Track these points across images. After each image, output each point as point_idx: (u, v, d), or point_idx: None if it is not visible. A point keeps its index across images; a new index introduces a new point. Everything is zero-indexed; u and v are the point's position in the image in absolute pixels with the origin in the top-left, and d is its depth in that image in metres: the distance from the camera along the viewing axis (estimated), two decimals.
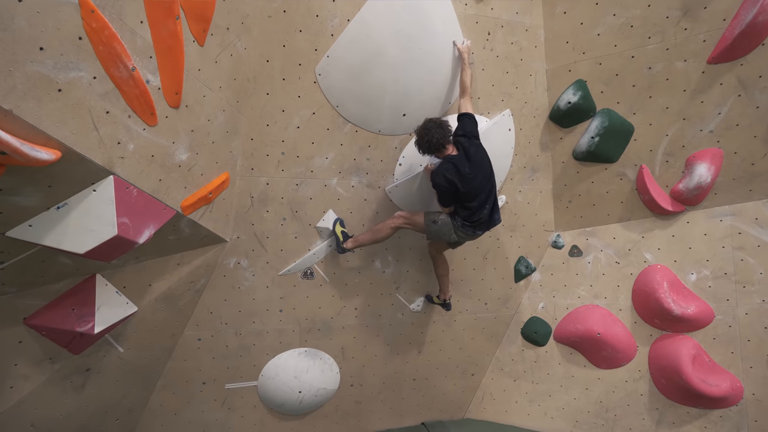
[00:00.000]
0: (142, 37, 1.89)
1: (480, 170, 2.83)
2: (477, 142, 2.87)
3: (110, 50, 1.72)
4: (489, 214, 2.94)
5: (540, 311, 3.92)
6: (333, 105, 3.10)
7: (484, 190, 2.86)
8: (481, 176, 2.83)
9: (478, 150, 2.85)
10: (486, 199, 2.89)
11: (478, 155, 2.83)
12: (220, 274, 3.18)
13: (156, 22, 1.92)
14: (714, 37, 3.00)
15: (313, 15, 2.90)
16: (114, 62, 1.75)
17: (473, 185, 2.80)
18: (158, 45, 1.96)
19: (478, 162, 2.82)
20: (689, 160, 3.35)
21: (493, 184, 2.94)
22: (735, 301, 3.33)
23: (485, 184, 2.86)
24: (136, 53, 1.87)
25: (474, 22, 3.20)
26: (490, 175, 2.90)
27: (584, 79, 3.37)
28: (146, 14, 1.87)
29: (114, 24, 1.73)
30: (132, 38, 1.84)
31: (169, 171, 2.28)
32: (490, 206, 2.94)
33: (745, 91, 3.07)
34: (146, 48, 1.93)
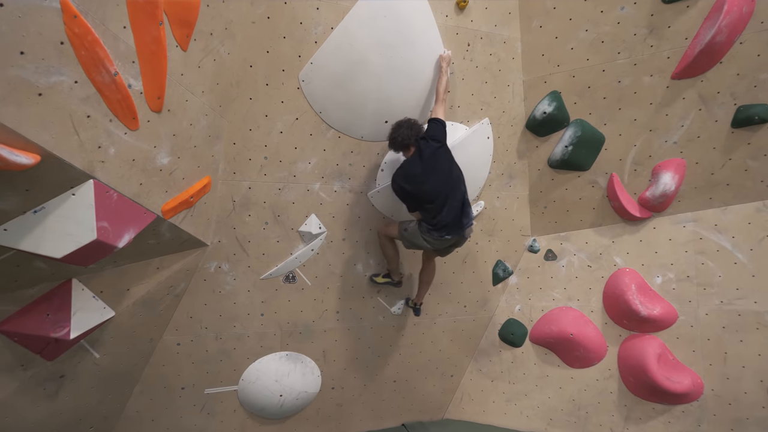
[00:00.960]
0: (125, 42, 1.89)
1: (434, 172, 2.86)
2: (435, 145, 2.89)
3: (92, 55, 1.72)
4: (455, 217, 2.93)
5: (516, 313, 4.05)
6: (316, 111, 3.14)
7: (441, 193, 2.87)
8: (436, 178, 2.86)
9: (435, 152, 2.88)
10: (445, 202, 2.89)
11: (434, 158, 2.87)
12: (200, 278, 3.16)
13: (139, 28, 1.92)
14: (677, 54, 3.19)
15: (297, 22, 2.93)
16: (96, 67, 1.75)
17: (425, 187, 2.87)
18: (141, 50, 1.96)
19: (432, 164, 2.86)
20: (655, 170, 3.54)
21: (455, 187, 2.92)
22: (696, 303, 3.53)
23: (441, 186, 2.87)
24: (118, 58, 1.87)
25: (454, 33, 3.30)
26: (448, 177, 2.90)
27: (559, 90, 3.52)
28: (129, 20, 1.87)
29: (97, 29, 1.73)
30: (115, 43, 1.84)
31: (150, 175, 2.28)
32: (455, 210, 2.92)
33: (705, 106, 3.28)
34: (129, 53, 1.93)
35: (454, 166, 2.98)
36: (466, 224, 3.01)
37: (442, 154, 2.93)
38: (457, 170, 2.98)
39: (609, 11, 3.22)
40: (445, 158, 2.94)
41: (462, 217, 2.98)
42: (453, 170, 2.95)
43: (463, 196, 2.98)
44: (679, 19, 3.13)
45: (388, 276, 3.53)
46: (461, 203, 2.97)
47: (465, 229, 3.03)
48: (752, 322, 3.37)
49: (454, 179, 2.94)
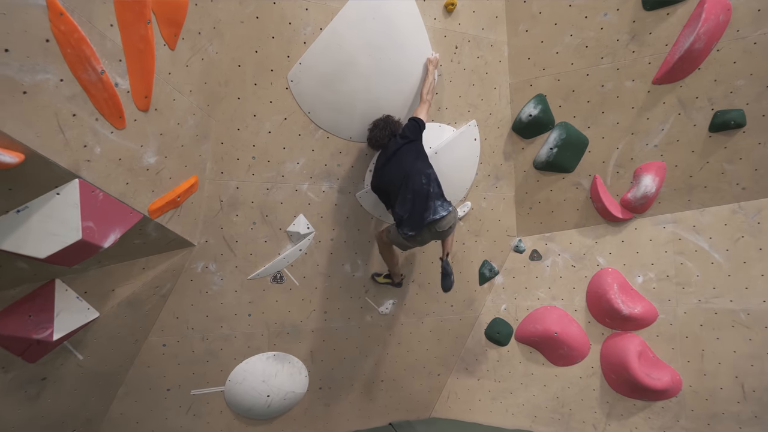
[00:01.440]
0: (111, 40, 1.87)
1: (394, 166, 2.93)
2: (402, 141, 2.95)
3: (78, 53, 1.70)
4: (411, 212, 2.88)
5: (502, 312, 4.11)
6: (305, 111, 3.14)
7: (396, 186, 2.91)
8: (393, 172, 2.92)
9: (401, 148, 2.94)
10: (396, 197, 2.93)
11: (398, 153, 2.93)
12: (187, 279, 3.14)
13: (126, 26, 1.91)
14: (658, 60, 3.28)
15: (286, 22, 2.93)
16: (82, 65, 1.73)
17: (383, 181, 2.99)
18: (128, 48, 1.95)
19: (395, 159, 2.93)
20: (637, 172, 3.63)
21: (412, 180, 2.87)
22: (676, 302, 3.63)
23: (396, 179, 2.90)
24: (105, 56, 1.85)
25: (443, 35, 3.34)
26: (410, 172, 2.88)
27: (544, 93, 3.59)
28: (117, 18, 1.86)
29: (83, 27, 1.72)
30: (101, 41, 1.82)
31: (137, 174, 2.26)
32: (409, 203, 2.88)
33: (684, 110, 3.38)
34: (116, 51, 1.91)
35: (420, 161, 2.93)
36: (427, 218, 2.85)
37: (409, 149, 2.94)
38: (421, 164, 2.92)
39: (593, 17, 3.30)
40: (410, 153, 2.93)
41: (424, 211, 2.86)
42: (415, 164, 2.91)
43: (423, 189, 2.87)
44: (659, 26, 3.22)
45: (389, 277, 3.58)
46: (424, 197, 2.86)
47: (427, 224, 2.87)
48: (728, 320, 3.48)
49: (414, 172, 2.88)
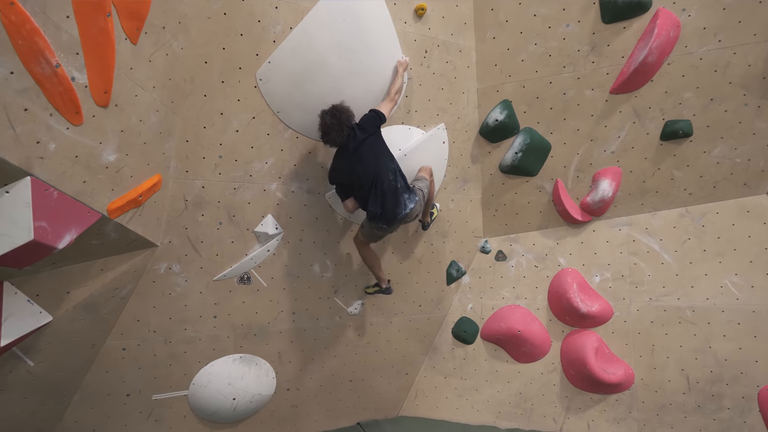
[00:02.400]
0: (68, 32, 1.80)
1: (360, 164, 2.90)
2: (362, 136, 2.91)
3: (31, 45, 1.63)
4: (384, 208, 2.95)
5: (469, 311, 4.22)
6: (274, 110, 3.11)
7: (365, 184, 2.93)
8: (362, 169, 2.91)
9: (362, 144, 2.90)
10: (369, 194, 2.94)
11: (361, 149, 2.90)
12: (149, 280, 3.04)
13: (84, 18, 1.84)
14: (615, 71, 3.46)
15: (255, 20, 2.89)
16: (35, 58, 1.66)
17: (347, 179, 3.00)
18: (86, 41, 1.87)
19: (357, 155, 2.90)
20: (595, 177, 3.82)
21: (380, 178, 2.92)
22: (629, 300, 3.85)
23: (364, 177, 2.91)
24: (60, 49, 1.77)
25: (413, 39, 3.39)
26: (378, 171, 2.91)
27: (510, 99, 3.71)
28: (73, 9, 1.78)
29: (36, 18, 1.64)
30: (56, 33, 1.75)
31: (95, 172, 2.17)
32: (380, 199, 2.94)
33: (638, 119, 3.58)
34: (72, 44, 1.83)
35: (384, 157, 2.98)
36: (399, 214, 3.00)
37: (370, 144, 2.94)
38: (386, 161, 2.98)
39: (556, 27, 3.44)
40: (372, 148, 2.94)
41: (395, 207, 2.98)
42: (381, 162, 2.95)
43: (392, 186, 2.95)
44: (617, 38, 3.39)
45: (377, 285, 3.60)
46: (393, 194, 2.95)
47: (399, 218, 3.02)
48: (675, 316, 3.72)
49: (382, 171, 2.93)
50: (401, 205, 3.01)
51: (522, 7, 3.43)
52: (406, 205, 3.03)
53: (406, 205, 3.03)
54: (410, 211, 3.05)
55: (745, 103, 3.38)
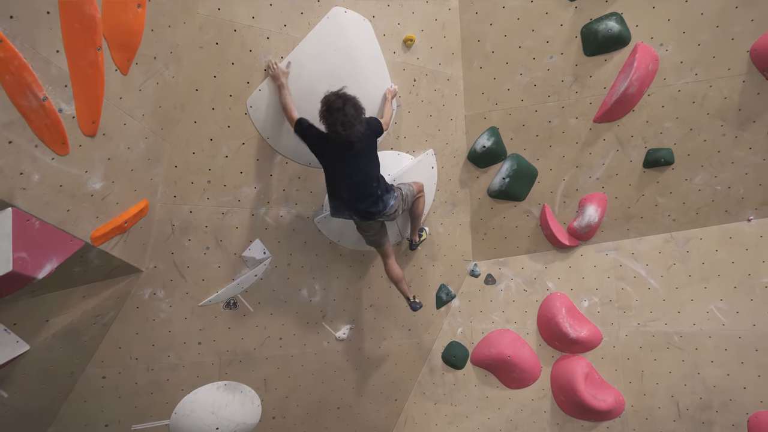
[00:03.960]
0: (57, 66, 1.82)
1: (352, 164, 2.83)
2: (369, 140, 2.85)
3: (18, 79, 1.65)
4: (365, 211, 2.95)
5: (459, 336, 4.19)
6: (264, 136, 3.14)
7: (352, 186, 2.87)
8: (351, 169, 2.82)
9: (365, 147, 2.83)
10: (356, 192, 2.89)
11: (362, 151, 2.83)
12: (132, 306, 3.00)
13: (74, 52, 1.87)
14: (597, 101, 3.57)
15: (246, 50, 2.95)
16: (22, 92, 1.67)
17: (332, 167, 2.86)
18: (75, 74, 1.90)
19: (356, 154, 2.82)
20: (581, 202, 3.88)
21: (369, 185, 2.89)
22: (618, 325, 3.85)
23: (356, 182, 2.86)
24: (49, 82, 1.80)
25: (401, 69, 3.47)
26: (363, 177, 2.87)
27: (497, 126, 3.79)
28: (64, 44, 1.81)
29: (25, 53, 1.66)
30: (46, 67, 1.77)
31: (80, 201, 2.17)
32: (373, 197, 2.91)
33: (621, 147, 3.67)
34: (61, 77, 1.86)
35: (373, 162, 2.94)
36: (375, 212, 2.97)
37: (369, 149, 2.89)
38: (373, 167, 2.94)
39: (540, 59, 3.55)
40: (367, 154, 2.89)
41: (371, 206, 2.95)
42: (369, 166, 2.91)
43: (372, 191, 2.91)
44: (598, 70, 3.51)
45: (407, 297, 3.48)
46: (370, 195, 2.91)
47: (375, 216, 2.99)
48: (663, 342, 3.73)
49: (367, 174, 2.89)
50: (379, 205, 2.96)
51: (507, 39, 3.54)
52: (386, 204, 3.00)
53: (386, 204, 2.99)
54: (389, 210, 3.02)
55: (723, 134, 3.48)
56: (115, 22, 2.08)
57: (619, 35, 3.34)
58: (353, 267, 3.72)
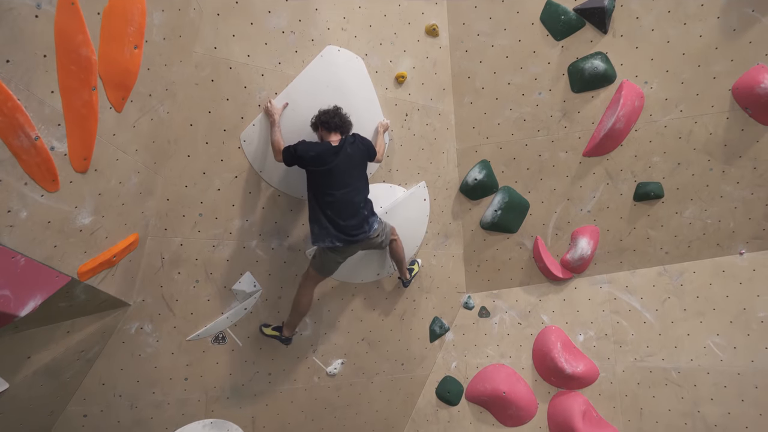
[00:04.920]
0: (51, 106, 1.86)
1: (342, 171, 2.84)
2: (360, 149, 2.93)
3: (11, 120, 1.68)
4: (357, 224, 2.89)
5: (453, 370, 4.10)
6: (256, 170, 3.18)
7: (339, 200, 2.84)
8: (341, 179, 2.84)
9: (355, 155, 2.90)
10: (341, 209, 2.85)
11: (352, 159, 2.88)
12: (118, 341, 2.94)
13: (69, 92, 1.91)
14: (586, 135, 3.63)
15: (241, 86, 3.03)
16: (14, 132, 1.70)
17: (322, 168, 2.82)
18: (69, 114, 1.94)
19: (346, 159, 2.86)
20: (573, 234, 3.88)
21: (356, 201, 2.89)
22: (614, 360, 3.78)
23: (344, 194, 2.85)
24: (42, 122, 1.83)
25: (393, 104, 3.55)
26: (350, 190, 2.87)
27: (488, 159, 3.84)
28: (59, 85, 1.86)
29: (19, 95, 1.70)
30: (39, 108, 1.81)
31: (68, 236, 2.16)
32: (358, 217, 2.89)
33: (611, 180, 3.71)
34: (55, 116, 1.89)
35: (363, 179, 2.96)
36: (359, 235, 2.92)
37: (361, 162, 2.95)
38: (363, 184, 2.97)
39: (529, 95, 3.64)
40: (358, 169, 2.92)
41: (356, 227, 2.90)
42: (359, 181, 2.93)
43: (358, 208, 2.91)
44: (586, 106, 3.60)
45: (278, 329, 3.27)
46: (355, 214, 2.89)
47: (361, 239, 2.94)
48: (661, 378, 3.65)
49: (356, 187, 2.90)
50: (365, 226, 2.93)
51: (497, 76, 3.65)
52: (371, 226, 2.97)
53: (371, 226, 2.96)
54: (373, 233, 2.98)
55: (711, 168, 3.53)
56: (111, 63, 2.14)
57: (605, 73, 3.45)
58: (344, 299, 3.68)
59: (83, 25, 1.89)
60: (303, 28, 3.12)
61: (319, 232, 2.90)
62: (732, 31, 3.27)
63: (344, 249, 2.98)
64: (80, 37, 1.89)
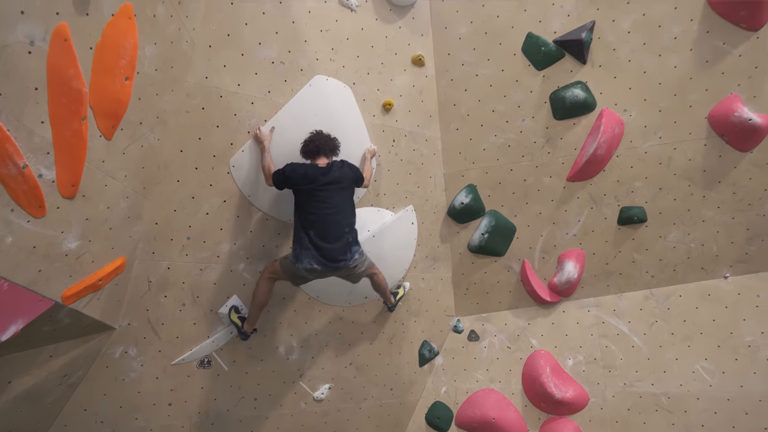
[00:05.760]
0: (40, 135, 1.93)
1: (328, 194, 2.86)
2: (347, 173, 2.98)
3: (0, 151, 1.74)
4: (340, 249, 2.86)
5: (443, 396, 4.05)
6: (245, 194, 3.24)
7: (324, 222, 2.84)
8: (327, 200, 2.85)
9: (342, 178, 2.93)
10: (325, 230, 2.84)
11: (339, 181, 2.91)
12: (102, 365, 2.93)
13: (59, 122, 1.98)
14: (569, 161, 3.72)
15: (231, 114, 3.12)
16: (2, 161, 1.76)
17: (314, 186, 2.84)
18: (58, 143, 2.00)
19: (332, 183, 2.89)
20: (560, 258, 3.92)
21: (341, 225, 2.88)
22: (604, 385, 3.75)
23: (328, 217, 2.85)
24: (30, 151, 1.89)
25: (381, 130, 3.65)
26: (341, 207, 2.89)
27: (474, 184, 3.91)
28: (49, 116, 1.93)
29: (9, 126, 1.77)
30: (29, 137, 1.87)
31: (53, 261, 2.20)
32: (342, 241, 2.87)
33: (595, 205, 3.78)
34: (44, 145, 1.96)
35: (349, 205, 2.97)
36: (342, 261, 2.89)
37: (348, 187, 2.96)
38: (349, 210, 2.97)
39: (512, 122, 3.75)
40: (345, 192, 2.94)
41: (339, 253, 2.87)
42: (345, 206, 2.94)
43: (342, 232, 2.89)
44: (568, 132, 3.70)
45: (243, 320, 3.19)
46: (339, 237, 2.87)
47: (341, 266, 2.91)
48: (651, 403, 3.62)
49: (341, 212, 2.90)
50: (347, 253, 2.90)
51: (481, 104, 3.76)
52: (353, 255, 2.93)
53: (353, 254, 2.93)
54: (353, 263, 2.93)
55: (691, 193, 3.61)
56: (102, 94, 2.23)
57: (585, 101, 3.56)
58: (332, 323, 3.68)
59: (75, 59, 1.98)
60: (292, 59, 3.24)
61: (300, 252, 2.88)
62: (705, 62, 3.40)
63: (320, 272, 2.93)
64: (72, 70, 1.98)
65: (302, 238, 2.89)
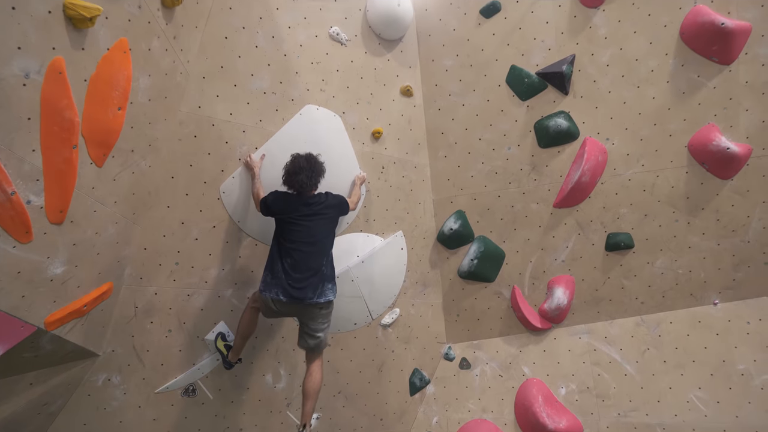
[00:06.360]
0: (30, 163, 1.98)
1: (308, 227, 2.84)
2: (331, 202, 2.96)
3: None
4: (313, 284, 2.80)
5: (434, 426, 3.95)
6: (234, 220, 3.28)
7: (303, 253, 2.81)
8: (307, 232, 2.82)
9: (324, 211, 2.91)
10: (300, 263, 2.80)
11: (323, 214, 2.90)
12: (83, 393, 2.88)
13: (50, 150, 2.04)
14: (555, 187, 3.79)
15: (223, 141, 3.21)
16: None
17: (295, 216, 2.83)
18: (48, 170, 2.06)
19: (314, 215, 2.87)
20: (550, 284, 3.92)
21: (316, 252, 2.84)
22: (598, 415, 3.67)
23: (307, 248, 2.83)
24: (20, 178, 1.94)
25: (370, 157, 3.73)
26: (321, 241, 2.87)
27: (463, 210, 3.96)
28: (41, 144, 1.99)
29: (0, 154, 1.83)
30: (19, 165, 1.93)
31: (37, 286, 2.21)
32: (317, 276, 2.82)
33: (582, 231, 3.82)
34: (34, 172, 2.01)
35: (329, 237, 2.94)
36: (311, 298, 2.81)
37: (330, 220, 2.94)
38: (329, 243, 2.94)
39: (499, 150, 3.84)
40: (328, 224, 2.92)
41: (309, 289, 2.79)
42: (326, 239, 2.91)
43: (318, 266, 2.84)
44: (553, 160, 3.78)
45: (229, 348, 3.14)
46: (314, 272, 2.82)
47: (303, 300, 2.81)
48: None
49: (321, 246, 2.87)
50: (319, 288, 2.83)
51: (468, 132, 3.86)
52: (324, 292, 2.85)
53: (324, 290, 2.85)
54: (325, 302, 2.86)
55: (676, 219, 3.65)
56: (94, 123, 2.30)
57: (568, 130, 3.66)
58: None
59: (68, 91, 2.06)
60: (284, 89, 3.36)
61: (271, 281, 2.83)
62: (681, 93, 3.52)
63: (285, 305, 2.82)
64: (65, 101, 2.06)
65: (275, 267, 2.83)
